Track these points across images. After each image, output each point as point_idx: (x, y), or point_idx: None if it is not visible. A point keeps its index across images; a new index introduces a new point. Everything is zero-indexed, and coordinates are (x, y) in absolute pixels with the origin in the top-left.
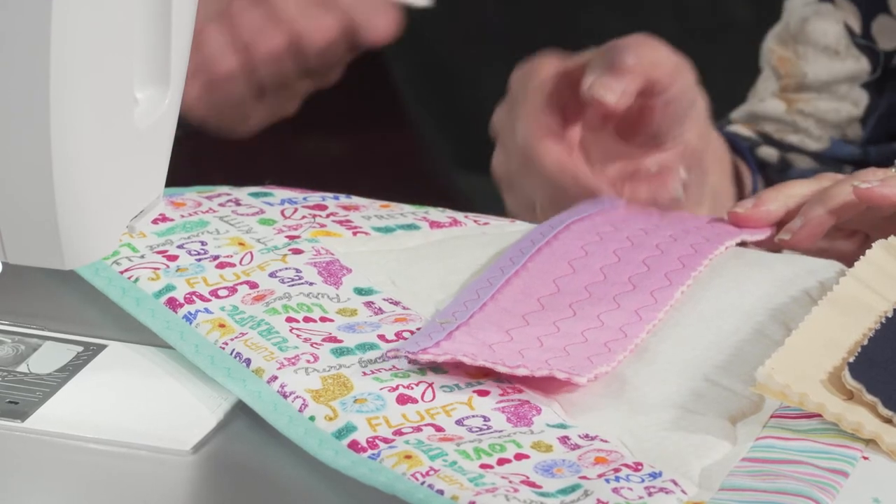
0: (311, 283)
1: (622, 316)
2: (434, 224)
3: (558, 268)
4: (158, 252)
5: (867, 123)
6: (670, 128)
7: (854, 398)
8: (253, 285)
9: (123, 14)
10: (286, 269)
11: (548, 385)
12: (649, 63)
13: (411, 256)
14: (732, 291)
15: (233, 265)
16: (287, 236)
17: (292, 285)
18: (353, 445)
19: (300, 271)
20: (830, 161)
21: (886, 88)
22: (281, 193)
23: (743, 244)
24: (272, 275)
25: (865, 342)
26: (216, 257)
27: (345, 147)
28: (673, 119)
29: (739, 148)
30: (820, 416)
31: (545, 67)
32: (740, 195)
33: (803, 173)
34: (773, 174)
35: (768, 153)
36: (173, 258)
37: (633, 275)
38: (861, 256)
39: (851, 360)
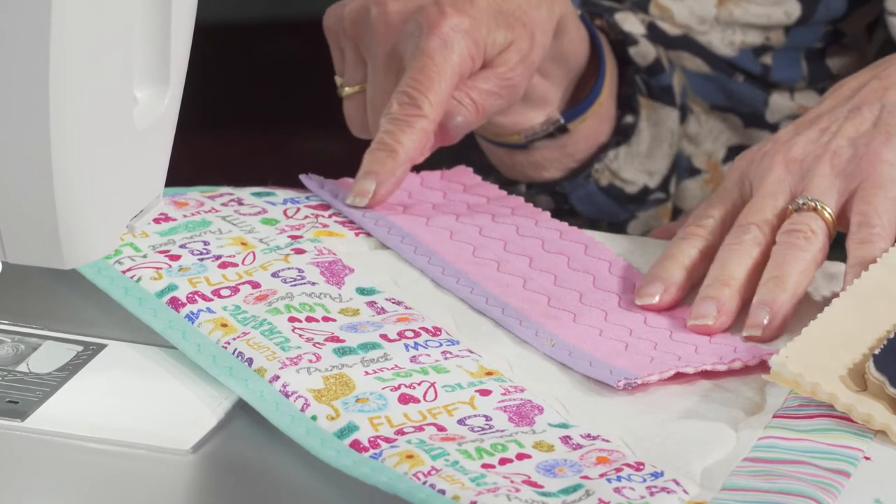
0: (313, 283)
1: (629, 315)
2: None
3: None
4: (161, 252)
5: (790, 32)
6: None
7: (867, 390)
8: (255, 285)
9: (123, 14)
10: (288, 268)
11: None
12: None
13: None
14: None
15: (235, 265)
16: (289, 236)
17: (294, 285)
18: (355, 445)
19: (302, 271)
20: (726, 66)
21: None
22: (283, 193)
23: None
24: (274, 275)
25: (893, 335)
26: (218, 257)
27: (345, 147)
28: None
29: (597, 43)
30: (822, 416)
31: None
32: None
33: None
34: (642, 74)
35: (644, 52)
36: (176, 258)
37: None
38: (891, 248)
39: (877, 352)
